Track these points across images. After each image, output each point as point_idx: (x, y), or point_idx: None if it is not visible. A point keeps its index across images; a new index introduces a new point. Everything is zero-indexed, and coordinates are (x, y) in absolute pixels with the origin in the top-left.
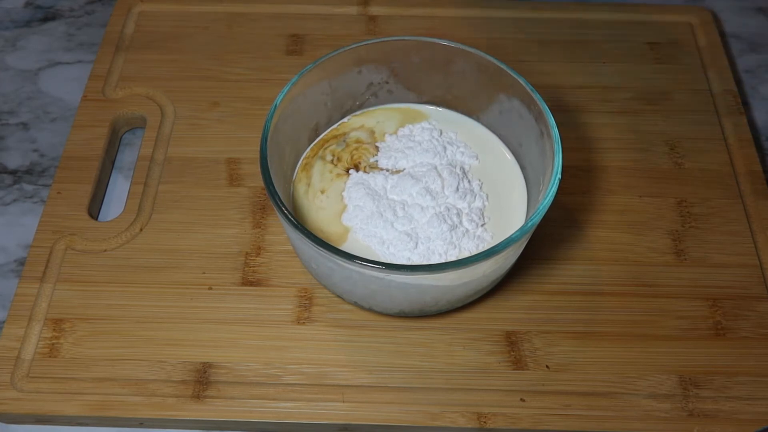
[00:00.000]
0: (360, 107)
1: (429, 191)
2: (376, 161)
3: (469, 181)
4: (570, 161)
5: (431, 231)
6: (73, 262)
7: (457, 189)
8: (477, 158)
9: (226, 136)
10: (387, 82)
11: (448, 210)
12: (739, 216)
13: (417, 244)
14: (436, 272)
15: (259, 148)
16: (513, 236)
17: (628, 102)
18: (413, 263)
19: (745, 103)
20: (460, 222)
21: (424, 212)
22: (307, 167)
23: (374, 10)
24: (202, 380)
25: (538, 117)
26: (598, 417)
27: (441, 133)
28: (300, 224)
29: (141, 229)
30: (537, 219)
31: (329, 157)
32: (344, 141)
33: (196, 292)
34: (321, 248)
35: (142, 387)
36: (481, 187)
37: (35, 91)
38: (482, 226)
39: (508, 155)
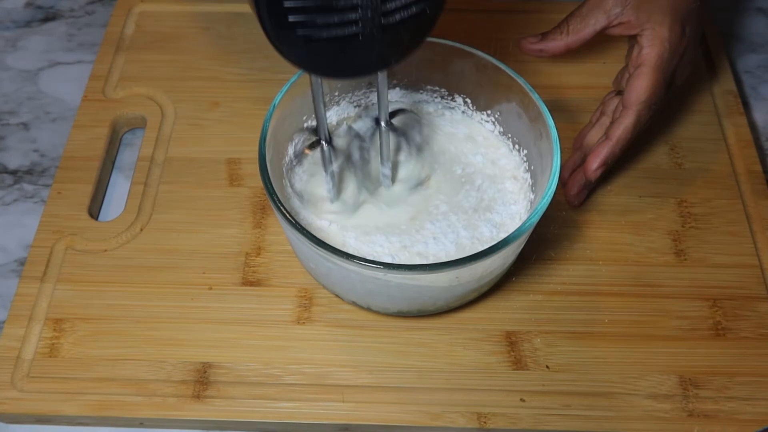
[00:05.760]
0: (360, 107)
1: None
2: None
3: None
4: None
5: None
6: (73, 262)
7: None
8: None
9: (226, 136)
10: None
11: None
12: (739, 216)
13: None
14: (434, 272)
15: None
16: (511, 236)
17: None
18: (409, 263)
19: (745, 104)
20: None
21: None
22: None
23: None
24: (202, 380)
25: (537, 117)
26: (598, 417)
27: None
28: (299, 224)
29: (141, 229)
30: (536, 219)
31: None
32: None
33: (196, 292)
34: (319, 248)
35: (142, 387)
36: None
37: (36, 91)
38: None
39: (508, 155)
